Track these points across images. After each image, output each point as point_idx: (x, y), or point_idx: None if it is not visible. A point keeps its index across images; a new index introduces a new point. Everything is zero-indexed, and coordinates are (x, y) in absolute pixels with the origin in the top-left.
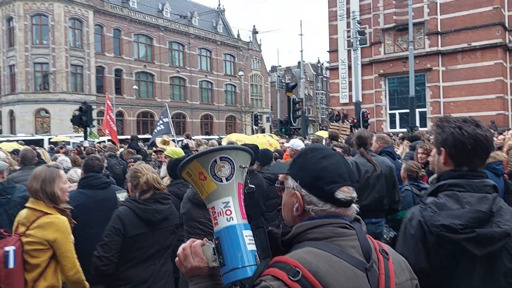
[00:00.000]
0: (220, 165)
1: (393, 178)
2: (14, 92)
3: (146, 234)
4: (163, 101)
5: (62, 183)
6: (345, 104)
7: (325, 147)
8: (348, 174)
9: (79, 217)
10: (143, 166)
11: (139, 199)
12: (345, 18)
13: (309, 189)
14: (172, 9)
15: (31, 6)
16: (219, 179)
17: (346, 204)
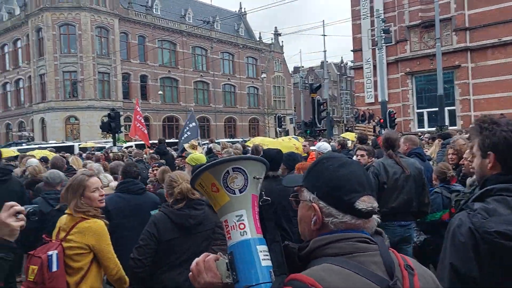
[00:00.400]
0: (233, 176)
1: (422, 180)
2: (44, 100)
3: (180, 239)
4: (187, 106)
5: (89, 191)
6: (370, 104)
7: (341, 155)
8: (367, 182)
9: (115, 219)
10: (178, 175)
11: (173, 206)
12: (368, 16)
13: (327, 200)
14: (194, 14)
15: (59, 16)
16: (232, 191)
17: (367, 215)
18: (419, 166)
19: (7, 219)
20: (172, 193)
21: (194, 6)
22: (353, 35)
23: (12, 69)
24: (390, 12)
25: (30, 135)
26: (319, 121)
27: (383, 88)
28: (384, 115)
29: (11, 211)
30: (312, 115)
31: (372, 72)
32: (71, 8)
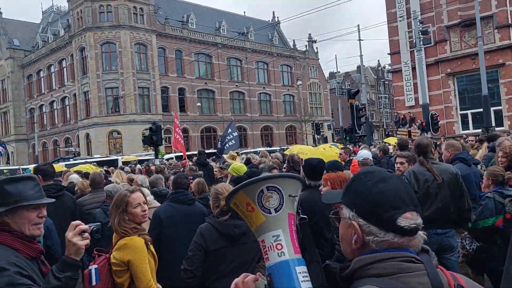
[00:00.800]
0: (268, 195)
1: (459, 185)
2: (89, 116)
3: (227, 248)
4: (224, 116)
5: (131, 207)
6: (411, 107)
7: (380, 170)
8: (409, 198)
9: (167, 227)
10: (224, 188)
11: (219, 217)
12: (405, 18)
13: (367, 218)
14: (228, 26)
15: (100, 35)
16: (267, 211)
17: (410, 232)
18: (454, 171)
19: (73, 238)
20: (219, 205)
21: (228, 18)
22: (389, 38)
23: (58, 88)
24: (428, 12)
25: (76, 150)
26: (359, 127)
27: (423, 90)
28: (426, 118)
29: (77, 230)
30: (351, 121)
31: (411, 74)
32: (112, 27)
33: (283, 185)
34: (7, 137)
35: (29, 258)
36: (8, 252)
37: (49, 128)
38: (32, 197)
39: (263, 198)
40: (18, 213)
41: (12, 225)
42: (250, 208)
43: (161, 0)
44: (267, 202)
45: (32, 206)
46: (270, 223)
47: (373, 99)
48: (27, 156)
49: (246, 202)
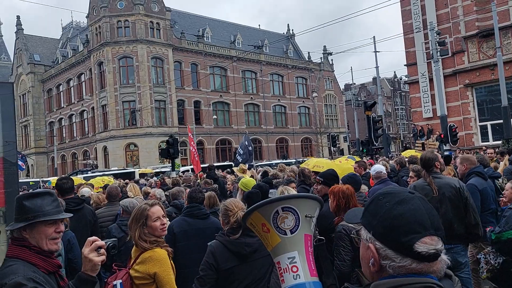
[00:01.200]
0: (283, 216)
1: (463, 200)
2: (106, 129)
3: (238, 267)
4: (239, 128)
5: (151, 221)
6: (429, 119)
7: (401, 191)
8: (430, 221)
9: (181, 242)
10: (234, 204)
11: (230, 235)
12: (421, 29)
13: (384, 241)
14: (243, 39)
15: (118, 50)
16: (282, 232)
17: (429, 258)
18: (457, 185)
19: (89, 254)
20: (228, 221)
21: (243, 31)
22: (406, 49)
23: (77, 102)
24: (444, 23)
25: (94, 163)
26: (376, 139)
27: (441, 101)
28: (444, 129)
29: (93, 246)
30: (367, 133)
31: (428, 85)
32: (129, 42)
33: (299, 206)
34: (27, 150)
35: (46, 273)
36: (26, 267)
37: (68, 141)
38: (49, 212)
39: (279, 219)
40: (36, 228)
41: (30, 240)
42: (266, 228)
43: (177, 15)
44: (282, 223)
45: (50, 221)
46: (285, 245)
47: (390, 110)
48: (47, 168)
49: (261, 223)
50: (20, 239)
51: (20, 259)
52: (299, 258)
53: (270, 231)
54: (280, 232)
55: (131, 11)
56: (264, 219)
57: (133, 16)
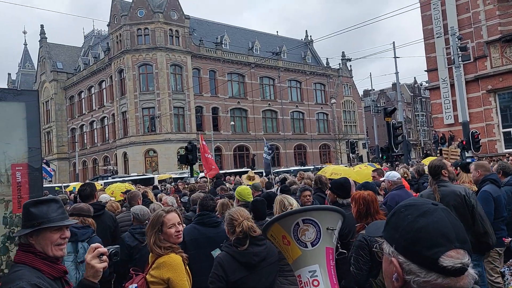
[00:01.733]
0: (304, 229)
1: (469, 208)
2: (126, 135)
3: (247, 277)
4: (257, 135)
5: (166, 227)
6: (450, 125)
7: (424, 202)
8: (455, 233)
9: (191, 250)
10: (239, 213)
11: (236, 246)
12: (442, 34)
13: (407, 255)
14: (261, 46)
15: (138, 57)
16: (303, 244)
17: (455, 272)
18: (462, 193)
19: (92, 260)
20: (234, 231)
21: (261, 38)
22: (426, 55)
23: (98, 108)
24: (466, 28)
25: (114, 168)
26: (395, 146)
27: (463, 107)
28: (466, 136)
29: (95, 253)
30: (387, 140)
31: (449, 91)
32: (149, 49)
33: (320, 218)
34: (50, 155)
35: (52, 278)
36: (31, 272)
37: (89, 147)
38: (54, 219)
39: (299, 232)
40: (41, 235)
41: (36, 246)
42: (286, 241)
43: (196, 22)
44: (303, 236)
45: (55, 227)
46: (306, 258)
47: (410, 117)
48: (68, 174)
49: (282, 235)
50: (27, 245)
51: (26, 265)
52: (320, 271)
53: (290, 244)
54: (301, 245)
55: (151, 19)
56: (285, 231)
57: (153, 24)
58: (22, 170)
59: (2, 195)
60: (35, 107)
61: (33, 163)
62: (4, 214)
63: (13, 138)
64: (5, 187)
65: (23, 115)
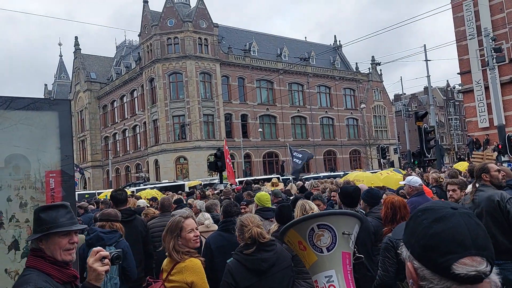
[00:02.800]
0: (319, 234)
1: (504, 214)
2: (157, 143)
3: (257, 284)
4: (286, 141)
5: (185, 232)
6: (485, 129)
7: (442, 206)
8: (472, 240)
9: (218, 257)
10: (249, 219)
11: (244, 251)
12: (475, 36)
13: (421, 260)
14: (290, 52)
15: (168, 66)
16: (319, 250)
17: (469, 280)
18: (496, 198)
19: (94, 264)
20: (243, 237)
21: (289, 44)
22: (459, 57)
23: (130, 117)
24: (500, 29)
25: (146, 175)
26: (428, 151)
27: (498, 110)
28: (502, 140)
29: (97, 256)
30: (419, 144)
31: (484, 94)
32: (179, 58)
33: (336, 223)
34: (85, 163)
35: (61, 283)
36: (39, 277)
37: (122, 155)
38: (63, 224)
39: (314, 237)
40: (50, 239)
41: (46, 251)
42: (302, 246)
43: (224, 30)
44: (318, 241)
45: (63, 232)
46: (322, 263)
47: (443, 121)
48: (102, 181)
49: (298, 240)
50: (37, 249)
51: (36, 269)
52: (336, 277)
53: (306, 249)
54: (316, 250)
55: (180, 28)
56: (300, 236)
57: (182, 33)
58: (56, 177)
59: (36, 201)
60: (67, 116)
61: (66, 170)
62: None
63: (47, 146)
64: (40, 193)
65: (56, 123)
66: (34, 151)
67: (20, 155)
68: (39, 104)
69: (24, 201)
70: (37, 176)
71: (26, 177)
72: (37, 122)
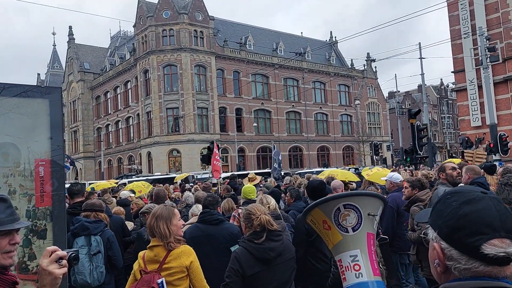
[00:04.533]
0: (345, 214)
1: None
2: (151, 135)
3: (263, 272)
4: (280, 136)
5: (176, 219)
6: (477, 128)
7: (472, 190)
8: (501, 223)
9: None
10: (257, 208)
11: (254, 240)
12: (470, 35)
13: (449, 241)
14: (285, 47)
15: (163, 58)
16: (344, 229)
17: (498, 261)
18: (439, 196)
19: (49, 266)
20: (252, 225)
21: (285, 39)
22: (453, 56)
23: (123, 108)
24: (495, 28)
25: (139, 168)
26: (420, 148)
27: (491, 109)
28: (494, 139)
29: (53, 257)
30: (412, 142)
31: (477, 93)
32: (174, 50)
33: (362, 203)
34: (76, 154)
35: None
36: None
37: (114, 147)
38: (2, 221)
39: (340, 217)
40: None
41: None
42: (327, 226)
43: (220, 23)
44: (344, 221)
45: (3, 232)
46: (347, 243)
47: (436, 119)
48: (94, 172)
49: (322, 220)
50: None
51: None
52: (361, 256)
53: (331, 229)
54: (342, 230)
55: (176, 20)
56: (325, 216)
57: (178, 25)
58: (45, 165)
59: (25, 189)
60: (58, 104)
61: (57, 159)
62: (27, 207)
63: (38, 134)
64: (29, 181)
65: (47, 111)
66: (24, 139)
67: (10, 144)
68: (31, 92)
69: (12, 189)
70: (26, 164)
71: (15, 165)
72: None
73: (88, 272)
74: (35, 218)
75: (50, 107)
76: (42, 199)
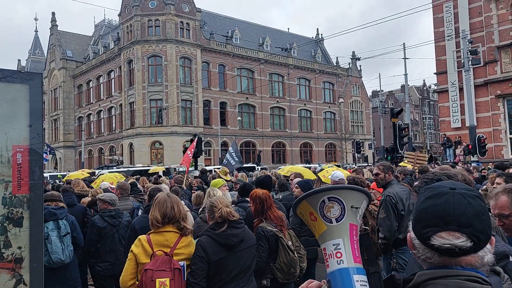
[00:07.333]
0: (329, 206)
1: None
2: (133, 126)
3: (227, 258)
4: (264, 131)
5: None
6: (457, 129)
7: (441, 186)
8: (455, 217)
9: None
10: (218, 200)
11: (215, 229)
12: (453, 37)
13: (413, 232)
14: (272, 42)
15: (148, 48)
16: (328, 220)
17: (443, 252)
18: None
19: None
20: (214, 216)
21: (271, 34)
22: (436, 57)
23: (106, 98)
24: (478, 32)
25: (120, 159)
26: (401, 147)
27: (471, 112)
28: (473, 140)
29: None
30: (393, 141)
31: (458, 95)
32: (159, 41)
33: (345, 197)
34: (56, 143)
35: None
36: None
37: (95, 137)
38: None
39: (325, 208)
40: None
41: None
42: (313, 217)
43: (207, 16)
44: (328, 212)
45: None
46: (331, 232)
47: (417, 119)
48: (74, 162)
49: (309, 212)
50: None
51: None
52: (343, 245)
53: (317, 219)
54: (326, 220)
55: (162, 10)
56: (312, 207)
57: (164, 16)
58: (23, 152)
59: (2, 175)
60: (38, 91)
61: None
62: (3, 194)
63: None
64: (6, 168)
65: (26, 97)
66: (2, 125)
67: None
68: (11, 78)
69: None
70: (4, 150)
71: None
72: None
73: (60, 251)
74: (12, 206)
75: (30, 93)
76: (19, 187)
